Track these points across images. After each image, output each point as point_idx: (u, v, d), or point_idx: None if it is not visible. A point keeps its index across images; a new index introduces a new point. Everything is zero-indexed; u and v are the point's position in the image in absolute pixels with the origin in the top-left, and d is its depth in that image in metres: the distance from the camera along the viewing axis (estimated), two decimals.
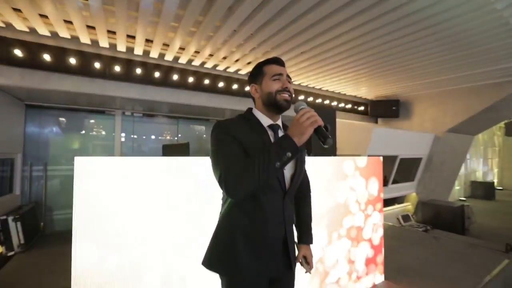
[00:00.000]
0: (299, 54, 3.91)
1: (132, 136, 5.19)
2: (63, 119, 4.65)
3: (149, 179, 1.60)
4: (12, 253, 3.35)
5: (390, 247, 3.54)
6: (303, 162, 1.17)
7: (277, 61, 1.11)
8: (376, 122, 7.31)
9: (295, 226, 1.29)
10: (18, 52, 3.09)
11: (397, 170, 5.58)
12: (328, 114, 3.16)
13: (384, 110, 6.62)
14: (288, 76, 1.11)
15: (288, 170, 1.08)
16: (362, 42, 3.41)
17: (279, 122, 1.15)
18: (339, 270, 2.30)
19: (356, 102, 6.76)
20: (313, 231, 1.31)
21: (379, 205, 2.67)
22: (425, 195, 6.35)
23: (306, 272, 1.24)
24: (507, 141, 13.18)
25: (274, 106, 1.08)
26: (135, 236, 1.55)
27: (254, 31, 3.19)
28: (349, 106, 6.57)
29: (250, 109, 1.15)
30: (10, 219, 3.35)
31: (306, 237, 1.28)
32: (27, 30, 3.12)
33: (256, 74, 1.12)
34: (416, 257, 3.30)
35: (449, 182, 7.13)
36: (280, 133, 1.12)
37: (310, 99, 5.81)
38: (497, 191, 11.74)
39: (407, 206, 6.26)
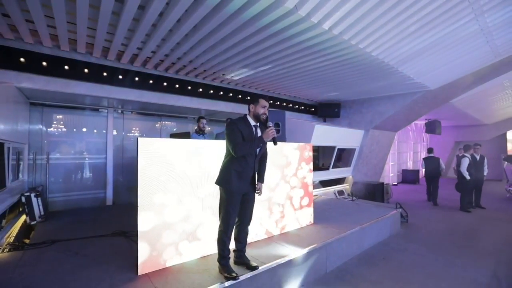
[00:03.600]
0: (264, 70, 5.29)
1: (122, 130, 6.11)
2: (61, 115, 5.43)
3: (191, 155, 2.74)
4: (34, 222, 4.19)
5: (324, 209, 5.11)
6: (265, 145, 2.53)
7: (265, 98, 2.43)
8: (325, 120, 9.05)
9: (257, 173, 2.63)
10: (44, 64, 3.97)
11: (337, 158, 7.28)
12: (280, 114, 4.57)
13: (329, 111, 8.37)
14: (268, 107, 2.44)
15: (258, 148, 2.44)
16: (303, 61, 4.89)
17: (258, 124, 2.46)
18: (282, 198, 3.69)
19: (308, 104, 8.41)
20: (269, 174, 2.71)
21: (309, 163, 4.14)
22: (359, 178, 8.21)
23: (259, 195, 2.61)
24: (432, 137, 16.22)
25: (258, 118, 2.42)
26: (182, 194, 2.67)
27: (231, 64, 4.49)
28: (302, 108, 8.17)
29: (245, 115, 2.47)
30: (32, 195, 4.20)
31: (261, 179, 2.64)
32: (51, 46, 4.01)
33: (254, 100, 2.43)
34: (339, 214, 4.87)
35: (378, 167, 9.15)
36: (258, 129, 2.44)
37: (271, 102, 7.24)
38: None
39: (346, 186, 8.04)
